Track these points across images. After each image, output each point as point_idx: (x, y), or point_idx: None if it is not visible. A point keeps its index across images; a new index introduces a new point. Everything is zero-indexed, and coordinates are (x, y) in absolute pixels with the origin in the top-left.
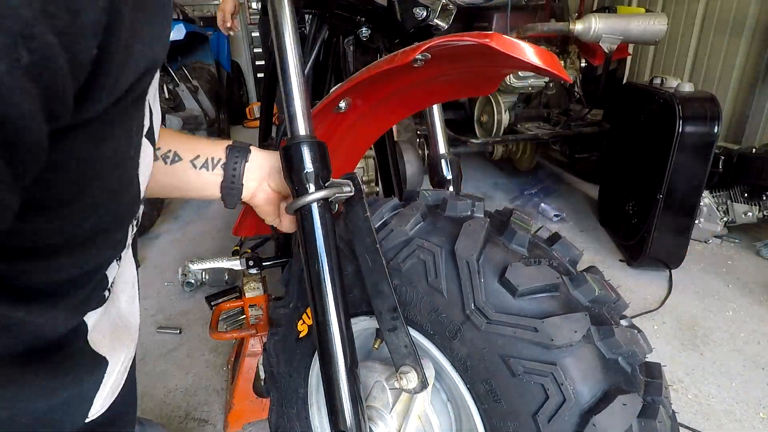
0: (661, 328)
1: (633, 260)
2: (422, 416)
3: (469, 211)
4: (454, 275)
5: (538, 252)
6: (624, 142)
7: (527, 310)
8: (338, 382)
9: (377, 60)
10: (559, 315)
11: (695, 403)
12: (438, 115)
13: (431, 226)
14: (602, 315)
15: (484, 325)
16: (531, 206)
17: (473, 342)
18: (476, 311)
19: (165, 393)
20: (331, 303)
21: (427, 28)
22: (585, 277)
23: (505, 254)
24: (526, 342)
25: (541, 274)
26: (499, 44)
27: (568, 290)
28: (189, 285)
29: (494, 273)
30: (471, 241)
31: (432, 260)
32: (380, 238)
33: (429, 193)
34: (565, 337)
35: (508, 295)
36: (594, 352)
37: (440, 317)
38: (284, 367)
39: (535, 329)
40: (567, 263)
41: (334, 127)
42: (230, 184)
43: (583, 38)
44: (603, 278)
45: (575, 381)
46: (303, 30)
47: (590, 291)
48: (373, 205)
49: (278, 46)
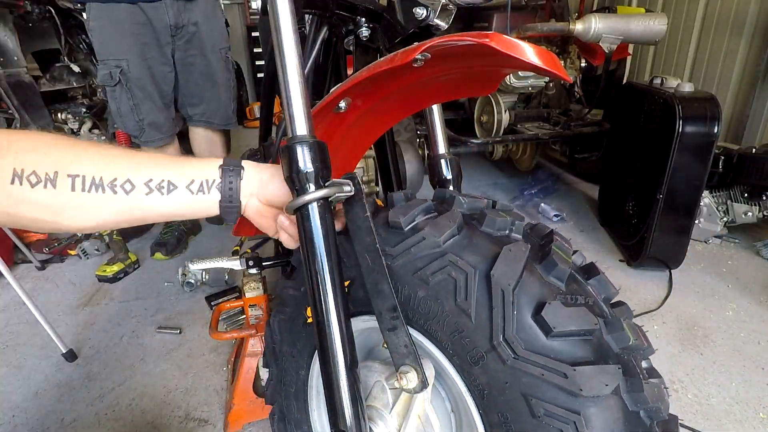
0: (661, 328)
1: (633, 260)
2: (422, 416)
3: (508, 230)
4: (486, 302)
5: (575, 287)
6: (624, 142)
7: (559, 353)
8: (338, 381)
9: (377, 60)
10: (591, 365)
11: (695, 403)
12: (438, 115)
13: (467, 241)
14: (631, 364)
15: (511, 360)
16: (531, 206)
17: (496, 374)
18: (504, 344)
19: (165, 393)
20: (331, 303)
21: (427, 28)
22: (621, 323)
23: (542, 287)
24: (553, 386)
25: (579, 317)
26: (499, 44)
27: (602, 335)
28: (189, 285)
29: (529, 307)
30: (510, 268)
31: (464, 281)
32: (410, 243)
33: (465, 201)
34: (595, 389)
35: (540, 334)
36: (619, 404)
37: (464, 340)
38: (287, 347)
39: (564, 375)
40: (602, 302)
41: (334, 127)
42: (228, 203)
43: (583, 38)
44: (634, 323)
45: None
46: (303, 30)
47: (624, 339)
48: (404, 204)
49: (278, 46)
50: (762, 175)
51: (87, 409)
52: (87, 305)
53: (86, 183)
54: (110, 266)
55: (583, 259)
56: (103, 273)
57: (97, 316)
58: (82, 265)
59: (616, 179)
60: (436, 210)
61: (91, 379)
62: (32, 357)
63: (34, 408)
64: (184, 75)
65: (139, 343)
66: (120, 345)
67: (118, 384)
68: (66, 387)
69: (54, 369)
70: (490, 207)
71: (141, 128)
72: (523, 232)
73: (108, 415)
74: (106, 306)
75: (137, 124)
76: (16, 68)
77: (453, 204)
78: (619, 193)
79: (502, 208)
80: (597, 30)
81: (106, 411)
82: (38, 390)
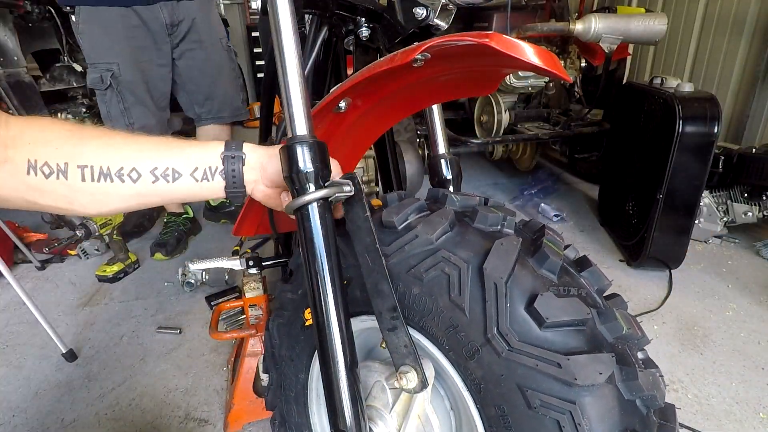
0: (661, 328)
1: (633, 260)
2: (422, 416)
3: (500, 225)
4: (479, 296)
5: (567, 279)
6: (624, 142)
7: (552, 343)
8: (338, 381)
9: (377, 60)
10: (585, 354)
11: (695, 403)
12: (438, 115)
13: (459, 237)
14: (625, 353)
15: (505, 352)
16: (531, 206)
17: (491, 366)
18: (498, 336)
19: (165, 393)
20: (331, 303)
21: (426, 28)
22: (614, 313)
23: (535, 280)
24: (548, 376)
25: (571, 307)
26: (498, 44)
27: (595, 325)
28: (189, 285)
29: (522, 299)
30: (501, 261)
31: (457, 276)
32: (404, 241)
33: (458, 198)
34: (589, 378)
35: (534, 325)
36: (614, 392)
37: (459, 335)
38: (286, 351)
39: (558, 365)
40: (595, 293)
41: (334, 127)
42: (233, 188)
43: (583, 38)
44: (628, 313)
45: (592, 421)
46: (303, 30)
47: (617, 329)
48: (397, 204)
49: (278, 46)
50: (762, 175)
51: (87, 409)
52: (87, 305)
53: (95, 173)
54: (110, 266)
55: (576, 253)
56: (103, 273)
57: (97, 316)
58: (82, 265)
59: (616, 179)
60: (429, 209)
61: (91, 379)
62: (32, 357)
63: (34, 408)
64: (186, 72)
65: (139, 343)
66: (120, 345)
67: (118, 384)
68: (66, 387)
69: (54, 369)
70: (482, 204)
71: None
72: (515, 228)
73: (108, 415)
74: (106, 306)
75: (127, 129)
76: (16, 68)
77: (445, 202)
78: (619, 193)
79: (494, 205)
80: (597, 30)
81: (106, 411)
82: (38, 390)
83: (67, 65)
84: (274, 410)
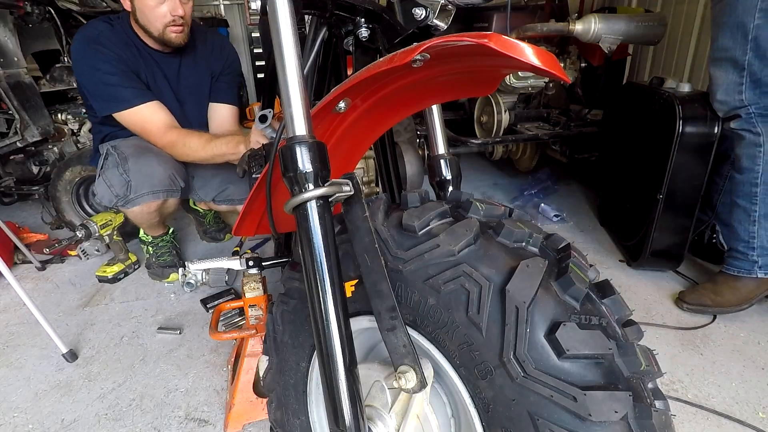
0: (662, 328)
1: (633, 260)
2: (421, 416)
3: (524, 242)
4: (499, 317)
5: (589, 307)
6: (624, 142)
7: (569, 374)
8: (337, 381)
9: (377, 60)
10: (602, 389)
11: (695, 403)
12: (438, 115)
13: (482, 251)
14: (639, 388)
15: (520, 378)
16: (531, 206)
17: (503, 389)
18: (514, 361)
19: (165, 393)
20: (330, 303)
21: (426, 28)
22: (634, 348)
23: (557, 306)
24: (561, 408)
25: (593, 340)
26: (498, 44)
27: (613, 358)
28: (189, 285)
29: (543, 326)
30: (525, 285)
31: (477, 293)
32: (424, 249)
33: (482, 207)
34: (604, 415)
35: (552, 354)
36: (626, 430)
37: (472, 353)
38: (289, 338)
39: (574, 399)
40: (615, 322)
41: (334, 127)
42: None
43: (583, 39)
44: (647, 348)
45: None
46: (303, 30)
47: (636, 365)
48: (419, 207)
49: (278, 46)
50: None
51: (87, 409)
52: (87, 306)
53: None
54: (110, 267)
55: (597, 274)
56: (103, 273)
57: (97, 316)
58: (82, 265)
59: (616, 179)
60: (452, 215)
61: (91, 380)
62: (32, 357)
63: (34, 408)
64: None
65: (139, 344)
66: (120, 345)
67: (118, 384)
68: (66, 387)
69: (54, 369)
70: (507, 216)
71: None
72: (540, 245)
73: (108, 415)
74: (107, 306)
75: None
76: (16, 69)
77: (469, 209)
78: (619, 193)
79: (519, 218)
80: (597, 30)
81: (106, 411)
82: (38, 390)
83: (68, 66)
84: (271, 393)
